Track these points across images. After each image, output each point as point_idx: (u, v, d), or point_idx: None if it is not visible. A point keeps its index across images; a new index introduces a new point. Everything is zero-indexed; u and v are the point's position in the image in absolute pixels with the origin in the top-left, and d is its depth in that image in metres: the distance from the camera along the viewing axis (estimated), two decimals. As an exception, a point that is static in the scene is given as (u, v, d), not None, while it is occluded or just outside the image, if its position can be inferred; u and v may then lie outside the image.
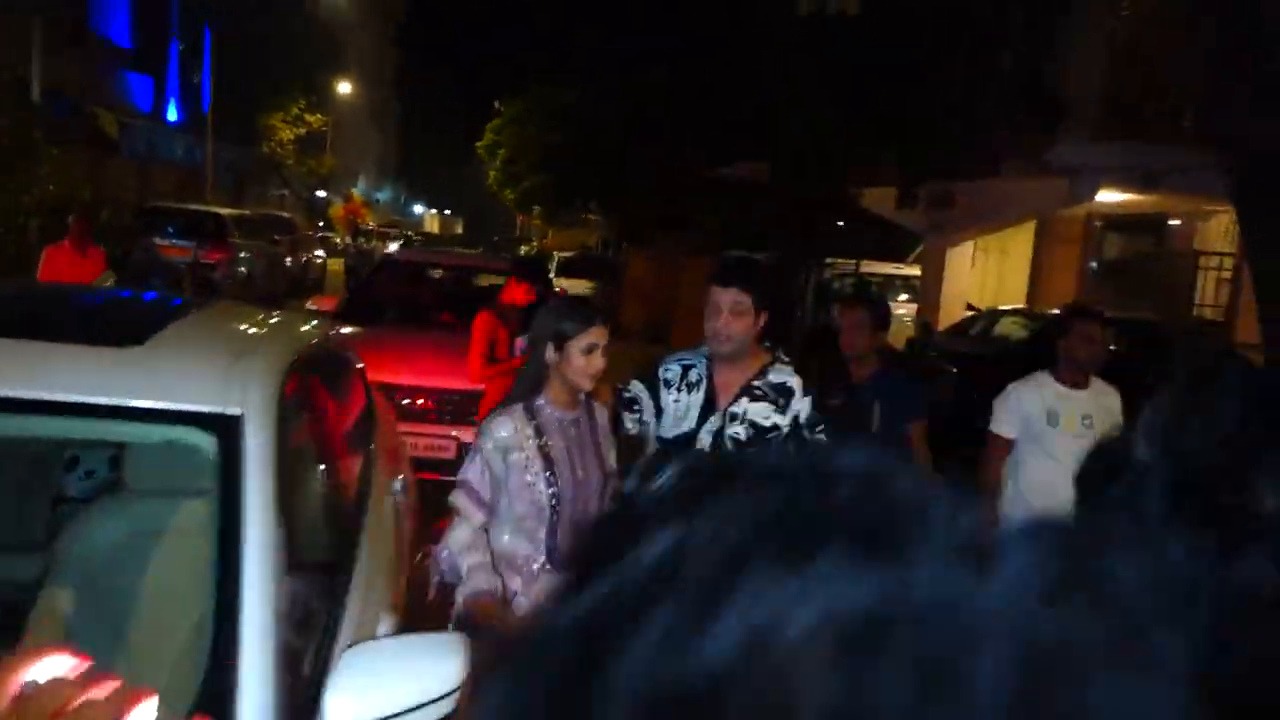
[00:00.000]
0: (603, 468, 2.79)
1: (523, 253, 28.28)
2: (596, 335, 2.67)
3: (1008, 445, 3.85)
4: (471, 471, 2.65)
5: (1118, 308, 13.81)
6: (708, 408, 2.92)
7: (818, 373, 8.98)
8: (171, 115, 26.83)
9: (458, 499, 2.65)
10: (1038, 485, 3.71)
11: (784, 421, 2.94)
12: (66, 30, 19.92)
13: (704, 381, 2.95)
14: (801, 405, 2.96)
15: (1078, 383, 3.80)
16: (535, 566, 2.65)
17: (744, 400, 2.92)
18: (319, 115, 38.82)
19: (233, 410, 1.85)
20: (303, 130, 37.34)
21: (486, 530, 2.64)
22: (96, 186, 18.95)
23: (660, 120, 15.68)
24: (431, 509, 6.31)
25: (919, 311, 14.15)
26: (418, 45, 45.39)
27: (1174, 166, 10.85)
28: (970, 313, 12.64)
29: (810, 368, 9.65)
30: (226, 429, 1.81)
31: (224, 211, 17.92)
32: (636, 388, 3.02)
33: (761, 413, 2.92)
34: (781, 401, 2.95)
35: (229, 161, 31.77)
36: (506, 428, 2.63)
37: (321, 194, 44.31)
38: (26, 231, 13.66)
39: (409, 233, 44.48)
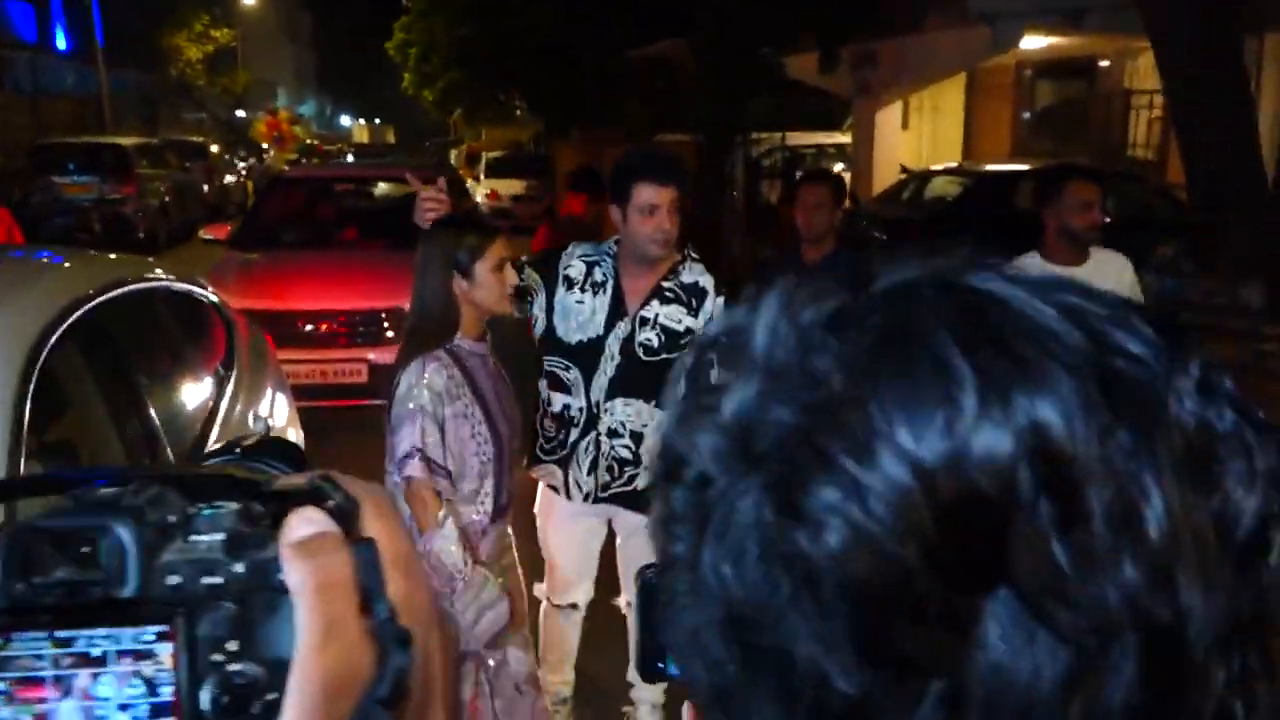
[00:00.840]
0: (515, 400, 2.58)
1: (452, 155, 27.37)
2: (501, 249, 2.40)
3: None
4: (424, 437, 2.24)
5: (1052, 156, 13.72)
6: (615, 311, 2.70)
7: (774, 259, 8.77)
8: (60, 43, 25.30)
9: (418, 479, 2.22)
10: None
11: (697, 325, 2.72)
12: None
13: (610, 282, 2.71)
14: (715, 305, 2.74)
15: (1073, 259, 3.23)
16: (481, 533, 2.42)
17: (654, 303, 2.70)
18: (225, 30, 37.05)
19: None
20: (210, 48, 35.70)
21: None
22: (-15, 127, 17.91)
23: (572, 1, 14.91)
24: (343, 433, 6.18)
25: (851, 180, 13.87)
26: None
27: (1097, 3, 10.52)
28: (903, 176, 12.39)
29: (761, 253, 9.42)
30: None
31: (126, 141, 16.98)
32: (531, 278, 2.74)
33: (673, 316, 2.69)
34: (694, 303, 2.72)
35: (136, 87, 30.27)
36: (441, 375, 2.29)
37: (241, 114, 42.58)
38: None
39: (339, 146, 42.86)
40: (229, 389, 3.08)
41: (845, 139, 15.49)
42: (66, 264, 2.42)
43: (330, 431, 6.23)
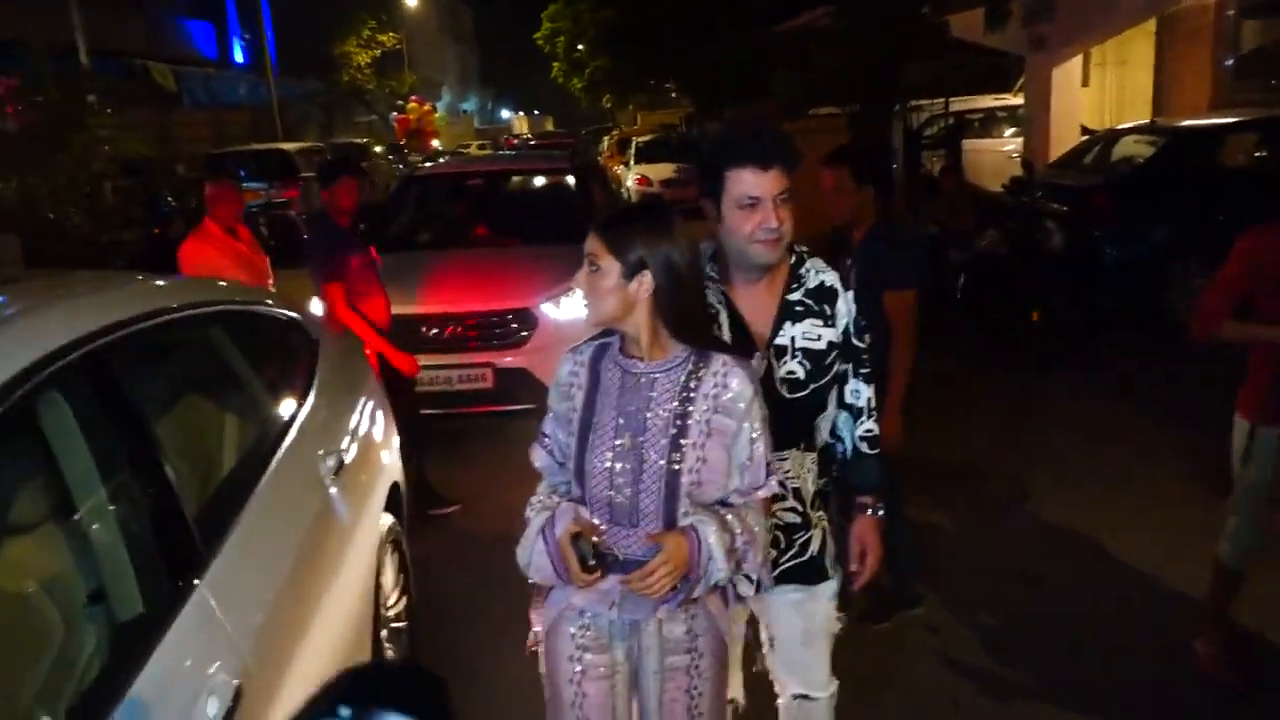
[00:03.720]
0: (666, 455, 2.04)
1: (604, 142, 27.21)
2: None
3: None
4: (545, 424, 2.05)
5: (1263, 107, 12.11)
6: (741, 346, 2.14)
7: (951, 225, 7.92)
8: (238, 58, 26.70)
9: (533, 454, 2.06)
10: None
11: (836, 335, 2.19)
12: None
13: (723, 310, 2.16)
14: (848, 305, 2.20)
15: None
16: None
17: (786, 325, 2.17)
18: (390, 34, 38.37)
19: None
20: (377, 52, 37.02)
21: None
22: (167, 142, 19.02)
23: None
24: (468, 443, 5.90)
25: (1025, 146, 12.68)
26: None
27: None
28: (1085, 138, 11.16)
29: (926, 229, 8.58)
30: None
31: (289, 147, 17.68)
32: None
33: (810, 334, 2.17)
34: (827, 309, 2.19)
35: (310, 95, 31.75)
36: (565, 366, 2.04)
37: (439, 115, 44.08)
38: (101, 196, 13.64)
39: (485, 143, 43.57)
40: (300, 419, 2.76)
41: (1017, 101, 14.22)
42: (83, 296, 2.12)
43: (463, 439, 6.00)
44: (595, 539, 1.84)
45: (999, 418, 6.09)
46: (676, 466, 1.85)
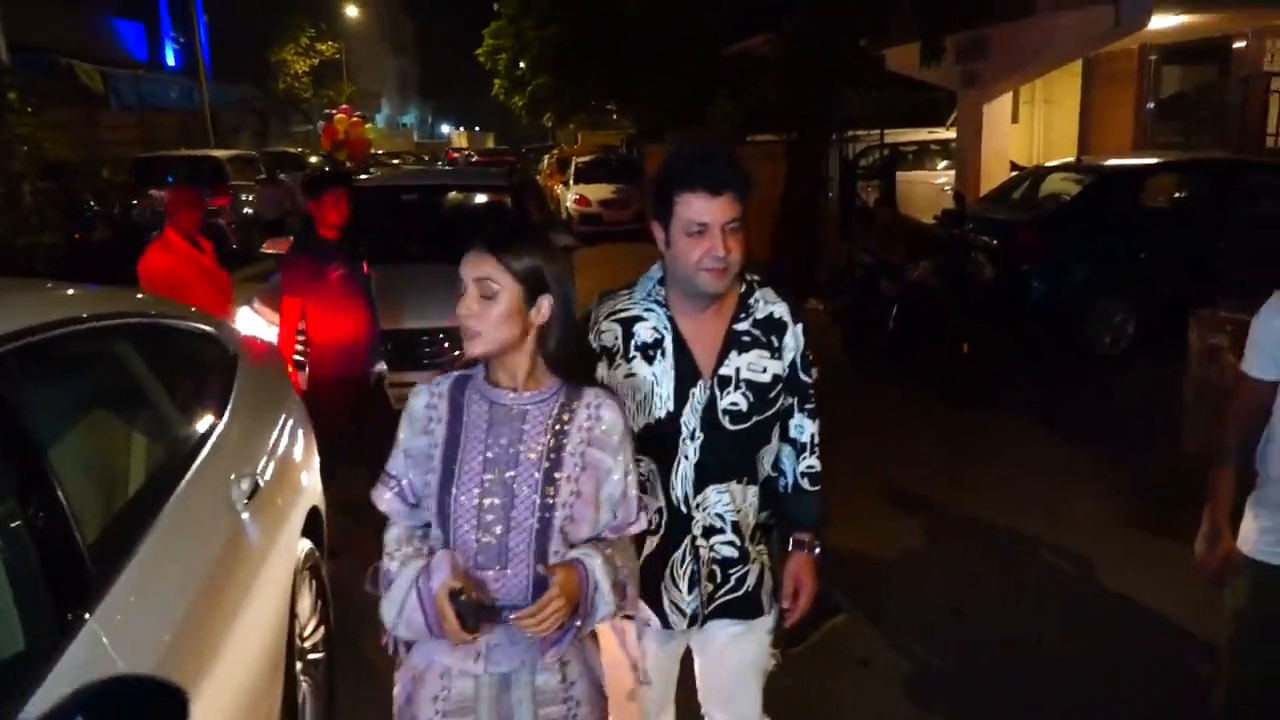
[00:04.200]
0: (540, 496, 1.88)
1: (544, 160, 27.12)
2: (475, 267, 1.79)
3: (1270, 392, 2.44)
4: (393, 464, 1.87)
5: (1181, 149, 12.55)
6: (685, 374, 2.06)
7: (884, 256, 7.97)
8: (170, 60, 26.07)
9: (376, 497, 1.88)
10: None
11: (782, 368, 2.11)
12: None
13: (668, 337, 2.07)
14: (795, 339, 2.13)
15: None
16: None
17: (732, 354, 2.08)
18: (330, 43, 37.87)
19: None
20: (316, 61, 36.50)
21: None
22: (92, 144, 18.41)
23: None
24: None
25: (957, 179, 12.95)
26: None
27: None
28: (1014, 174, 11.44)
29: (858, 257, 8.63)
30: None
31: (219, 154, 17.26)
32: (612, 332, 2.10)
33: (756, 365, 2.09)
34: (774, 341, 2.11)
35: (244, 102, 31.12)
36: (419, 399, 1.87)
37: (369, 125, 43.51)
38: (20, 199, 13.13)
39: (425, 156, 43.13)
40: (213, 439, 2.63)
41: (950, 134, 14.54)
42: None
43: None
44: (475, 593, 1.69)
45: (930, 447, 6.15)
46: (550, 501, 1.74)
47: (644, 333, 2.07)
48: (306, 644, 3.03)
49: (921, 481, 5.55)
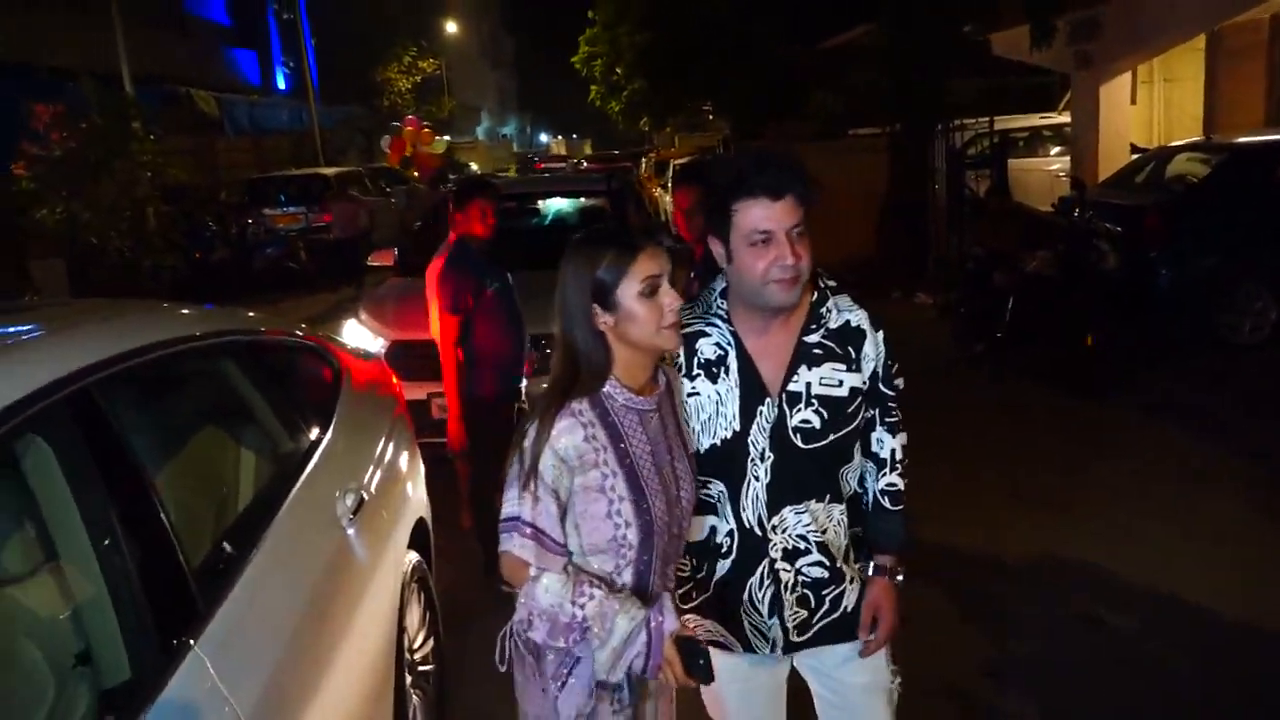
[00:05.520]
0: (691, 466, 1.89)
1: (642, 164, 27.10)
2: (650, 265, 1.73)
3: None
4: (537, 513, 1.70)
5: (1320, 123, 11.71)
6: (752, 392, 1.93)
7: (995, 246, 7.62)
8: (280, 84, 27.08)
9: (523, 551, 1.70)
10: None
11: (861, 381, 1.96)
12: (162, 16, 20.08)
13: (732, 353, 1.94)
14: (876, 347, 1.98)
15: None
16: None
17: (801, 369, 1.94)
18: (431, 60, 38.82)
19: None
20: (418, 78, 37.46)
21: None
22: (210, 168, 19.25)
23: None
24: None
25: (1073, 165, 12.37)
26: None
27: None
28: (1136, 156, 10.84)
29: (970, 251, 8.27)
30: None
31: (328, 171, 17.81)
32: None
33: (830, 379, 1.94)
34: (852, 351, 1.96)
35: (351, 121, 32.12)
36: (576, 436, 1.71)
37: (445, 138, 44.45)
38: (145, 222, 13.77)
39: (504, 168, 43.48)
40: (318, 455, 2.62)
41: (1063, 119, 13.92)
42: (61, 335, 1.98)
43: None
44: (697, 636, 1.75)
45: (1052, 445, 5.83)
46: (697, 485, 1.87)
47: (707, 349, 1.95)
48: (416, 656, 3.00)
49: (1050, 480, 5.26)
